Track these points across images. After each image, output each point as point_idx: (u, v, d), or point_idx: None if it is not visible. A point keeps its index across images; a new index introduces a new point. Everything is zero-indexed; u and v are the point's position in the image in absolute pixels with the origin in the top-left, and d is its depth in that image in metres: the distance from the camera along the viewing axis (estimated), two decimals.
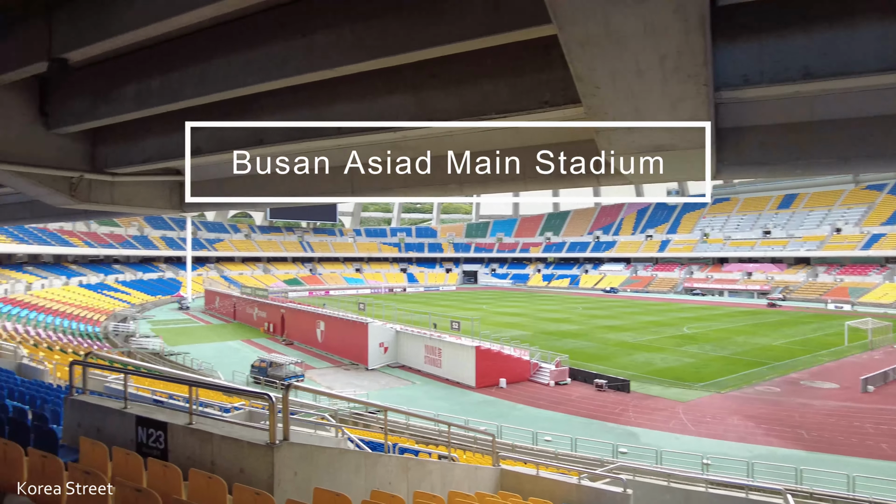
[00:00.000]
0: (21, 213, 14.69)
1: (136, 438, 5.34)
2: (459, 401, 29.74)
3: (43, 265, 73.91)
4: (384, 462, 5.87)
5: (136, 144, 8.12)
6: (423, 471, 6.58)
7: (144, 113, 6.96)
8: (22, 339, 36.22)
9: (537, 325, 52.90)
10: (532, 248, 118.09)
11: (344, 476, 5.20)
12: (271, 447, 4.48)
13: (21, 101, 7.77)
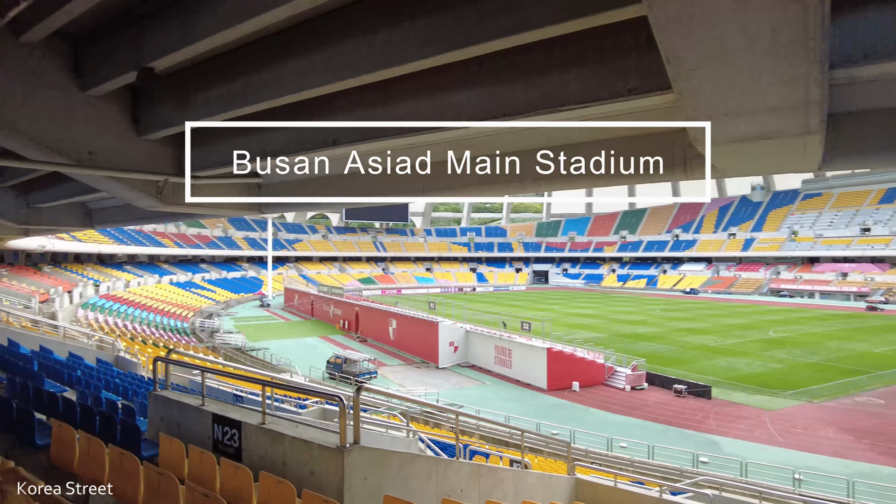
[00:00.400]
0: (118, 216, 15.82)
1: (212, 435, 5.46)
2: (530, 403, 29.22)
3: (139, 264, 79.50)
4: (456, 468, 5.71)
5: (215, 148, 8.42)
6: (496, 478, 6.36)
7: (224, 117, 7.17)
8: (120, 332, 39.09)
9: (612, 328, 51.23)
10: (606, 247, 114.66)
11: (415, 482, 5.08)
12: (341, 451, 4.41)
13: (116, 110, 8.24)
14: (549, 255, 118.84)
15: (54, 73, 7.62)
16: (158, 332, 45.74)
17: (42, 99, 7.53)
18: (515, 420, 24.63)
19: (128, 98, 8.22)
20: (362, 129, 6.64)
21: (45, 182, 14.17)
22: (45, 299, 43.11)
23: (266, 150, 7.54)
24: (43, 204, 14.57)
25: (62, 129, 7.79)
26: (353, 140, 6.66)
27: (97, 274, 64.64)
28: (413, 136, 6.48)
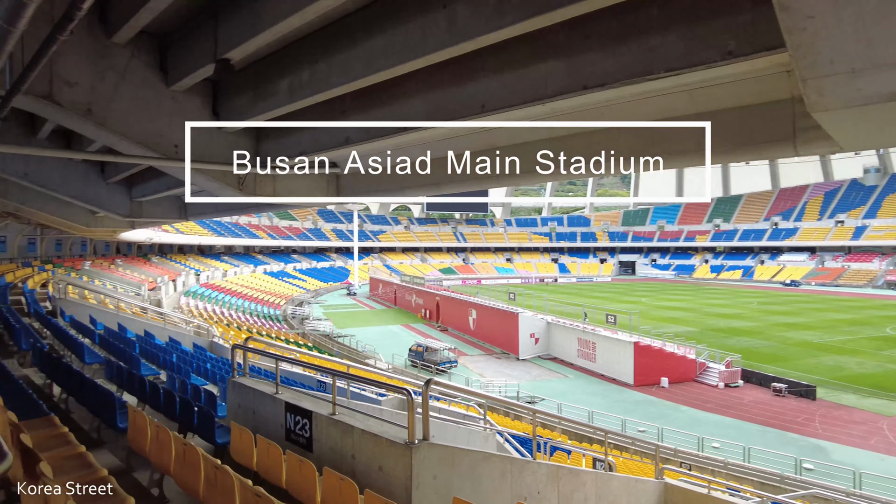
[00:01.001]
0: (208, 209, 16.69)
1: (285, 424, 5.45)
2: (615, 398, 28.13)
3: (236, 255, 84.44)
4: (532, 469, 5.36)
5: (292, 139, 8.51)
6: (576, 481, 5.94)
7: (296, 105, 7.17)
8: (217, 319, 41.68)
9: (704, 321, 48.35)
10: (698, 236, 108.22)
11: (488, 483, 4.79)
12: (409, 447, 4.20)
13: (198, 104, 8.52)
14: (637, 244, 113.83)
15: (142, 70, 7.96)
16: (252, 319, 48.41)
17: (131, 96, 7.88)
18: (599, 416, 23.80)
19: (208, 92, 8.47)
20: (435, 111, 6.34)
21: (144, 177, 15.17)
22: (153, 287, 46.74)
23: (349, 138, 7.47)
24: (143, 198, 15.63)
25: (150, 125, 8.14)
26: (433, 121, 6.35)
27: (198, 264, 69.38)
28: (490, 117, 6.08)
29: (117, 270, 48.90)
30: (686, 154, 6.04)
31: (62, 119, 7.63)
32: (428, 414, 4.33)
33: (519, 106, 5.42)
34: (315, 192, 10.27)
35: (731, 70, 4.52)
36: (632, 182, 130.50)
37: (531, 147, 7.29)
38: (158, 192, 14.59)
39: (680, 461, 19.65)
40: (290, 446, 5.39)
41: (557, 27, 5.01)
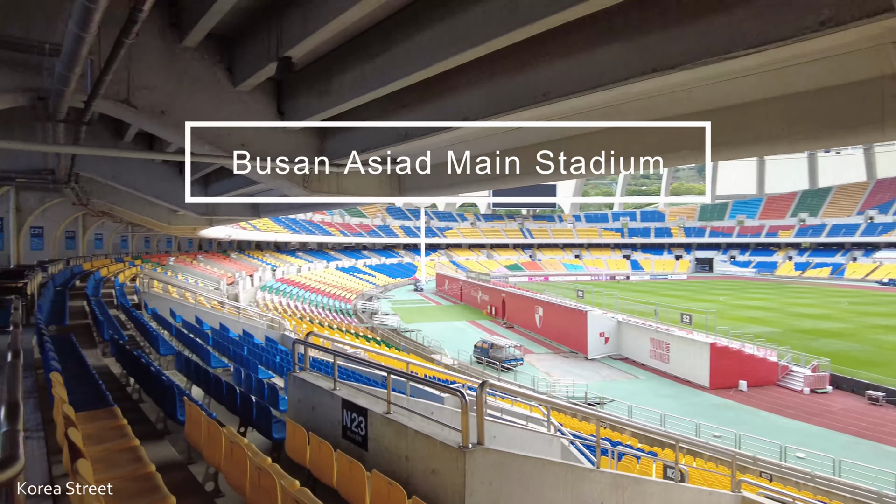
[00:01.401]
0: (279, 207, 17.26)
1: (341, 421, 5.42)
2: (690, 401, 26.81)
3: (309, 251, 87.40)
4: (594, 478, 5.05)
5: (354, 136, 8.54)
6: (642, 492, 5.57)
7: (356, 102, 7.17)
8: (292, 312, 43.25)
9: (788, 322, 45.24)
10: (781, 231, 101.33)
11: (546, 491, 4.55)
12: (463, 451, 4.03)
13: (263, 104, 8.72)
14: (714, 240, 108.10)
15: (210, 72, 8.22)
16: (324, 313, 49.90)
17: (201, 97, 8.16)
18: (672, 420, 22.73)
19: (273, 91, 8.65)
20: (497, 101, 6.10)
21: (218, 176, 15.87)
22: (232, 282, 49.05)
23: (408, 133, 7.41)
24: (218, 197, 16.35)
25: (218, 125, 8.39)
26: (489, 114, 6.15)
27: (274, 259, 72.32)
28: (553, 105, 5.76)
29: (199, 266, 51.74)
30: (769, 139, 5.50)
31: (139, 121, 8.01)
32: (483, 417, 4.15)
33: (584, 92, 5.10)
34: (377, 191, 10.30)
35: (817, 45, 4.02)
36: (708, 175, 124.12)
37: (606, 137, 6.94)
38: (231, 191, 15.21)
39: (760, 471, 18.41)
40: (346, 444, 5.36)
41: (628, 5, 4.65)
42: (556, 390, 28.06)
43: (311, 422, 6.07)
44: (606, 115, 6.19)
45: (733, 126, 5.72)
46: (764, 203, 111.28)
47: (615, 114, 6.28)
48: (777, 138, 5.39)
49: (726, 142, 5.75)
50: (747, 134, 5.81)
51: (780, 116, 5.54)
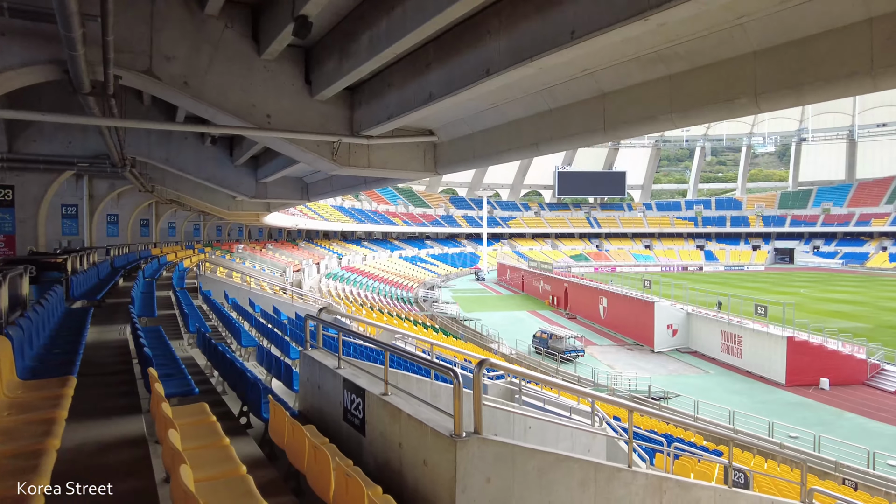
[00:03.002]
0: (325, 188, 17.12)
1: (342, 402, 4.95)
2: (763, 399, 24.85)
3: (374, 240, 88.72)
4: (625, 479, 4.31)
5: (380, 102, 8.04)
6: (686, 497, 4.77)
7: (378, 61, 6.65)
8: (353, 300, 43.87)
9: (879, 317, 41.31)
10: (874, 220, 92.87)
11: (562, 492, 3.88)
12: (454, 441, 3.44)
13: (289, 74, 8.38)
14: (796, 229, 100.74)
15: (235, 41, 7.95)
16: (386, 300, 50.41)
17: (225, 67, 7.90)
18: (742, 418, 21.07)
19: (299, 59, 8.29)
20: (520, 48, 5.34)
21: (266, 158, 15.90)
22: (298, 269, 50.30)
23: (431, 93, 6.82)
24: (267, 178, 16.40)
25: (243, 95, 8.13)
26: (511, 63, 5.42)
27: (340, 248, 73.86)
28: (577, 45, 4.94)
29: (266, 253, 53.40)
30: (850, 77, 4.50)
31: (161, 93, 7.86)
32: (480, 401, 3.53)
33: (615, 25, 4.30)
34: (411, 164, 9.79)
35: None
36: (791, 160, 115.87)
37: (643, 90, 6.08)
38: (276, 172, 15.17)
39: (843, 478, 16.67)
40: (346, 428, 4.90)
41: None
42: (618, 383, 26.79)
43: (316, 402, 5.67)
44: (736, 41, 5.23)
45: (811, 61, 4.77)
46: (854, 189, 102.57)
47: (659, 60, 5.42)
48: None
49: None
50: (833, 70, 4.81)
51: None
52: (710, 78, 5.42)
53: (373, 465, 4.43)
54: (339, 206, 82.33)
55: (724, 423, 21.25)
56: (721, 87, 5.33)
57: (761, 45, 4.89)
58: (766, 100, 5.06)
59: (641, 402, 24.39)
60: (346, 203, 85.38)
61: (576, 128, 7.06)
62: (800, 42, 4.65)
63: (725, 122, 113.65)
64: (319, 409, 5.57)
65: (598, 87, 6.46)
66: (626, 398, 24.60)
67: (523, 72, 5.37)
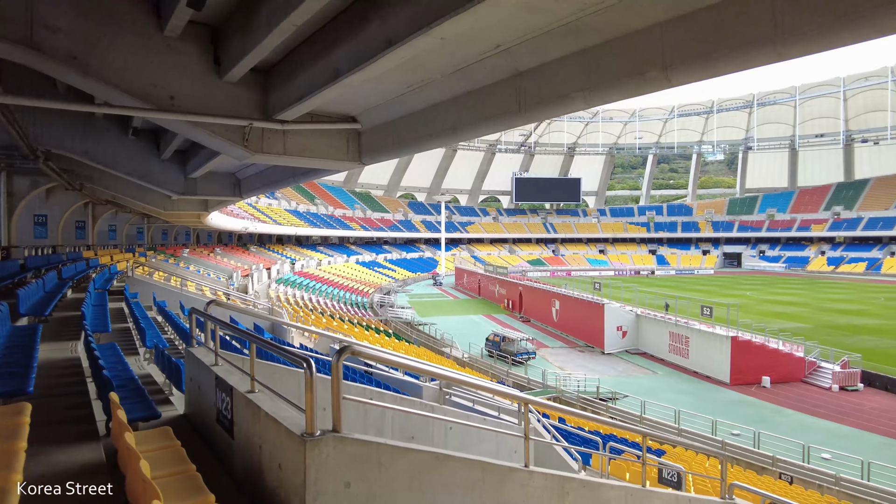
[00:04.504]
0: (256, 184, 16.39)
1: (216, 402, 4.41)
2: (708, 398, 25.22)
3: (331, 245, 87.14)
4: (521, 480, 3.90)
5: (291, 83, 7.50)
6: (593, 499, 4.42)
7: (279, 37, 6.11)
8: (304, 305, 42.75)
9: (819, 318, 42.91)
10: (814, 225, 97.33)
11: (442, 497, 3.44)
12: (304, 440, 2.96)
13: (195, 52, 7.74)
14: (743, 235, 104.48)
15: (132, 14, 7.28)
16: (339, 306, 49.34)
17: (125, 44, 7.22)
18: (688, 417, 21.26)
19: (206, 39, 7.66)
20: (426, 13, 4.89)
21: (192, 152, 15.04)
22: (247, 274, 48.76)
23: (338, 69, 6.33)
24: (195, 174, 15.52)
25: (145, 74, 7.45)
26: (412, 31, 4.96)
27: (294, 253, 72.14)
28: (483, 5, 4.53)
29: (214, 258, 51.60)
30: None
31: (47, 68, 7.11)
32: (340, 394, 3.06)
33: None
34: (332, 152, 9.23)
35: None
36: (739, 168, 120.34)
37: (558, 67, 5.77)
38: (203, 166, 14.35)
39: (779, 472, 16.93)
40: (220, 431, 4.36)
41: None
42: (568, 385, 26.74)
43: (197, 403, 5.10)
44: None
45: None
46: (796, 196, 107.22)
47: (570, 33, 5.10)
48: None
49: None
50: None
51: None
52: (622, 51, 5.14)
53: (240, 472, 3.91)
54: (294, 210, 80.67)
55: (671, 422, 21.40)
56: (633, 61, 5.06)
57: (669, 13, 4.64)
58: (675, 72, 4.82)
59: (590, 403, 24.39)
60: (300, 207, 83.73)
61: (493, 110, 6.71)
62: (707, 9, 4.42)
63: (677, 130, 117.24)
64: (200, 412, 5.00)
65: (513, 66, 6.12)
66: (574, 398, 24.56)
67: (427, 43, 4.97)
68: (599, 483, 4.58)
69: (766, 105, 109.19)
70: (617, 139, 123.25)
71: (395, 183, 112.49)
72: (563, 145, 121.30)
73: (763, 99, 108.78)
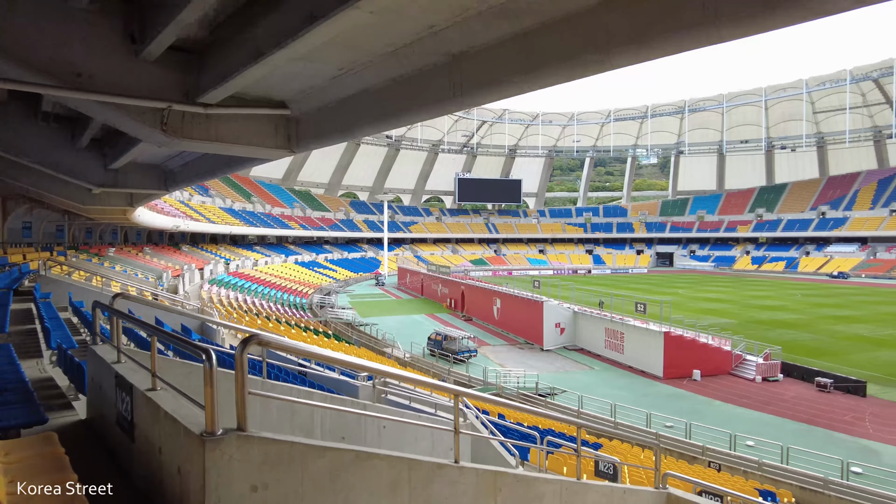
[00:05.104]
0: (184, 176, 15.51)
1: (116, 403, 3.97)
2: (643, 392, 26.02)
3: (269, 245, 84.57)
4: (450, 476, 3.69)
5: (213, 64, 7.00)
6: (527, 494, 4.26)
7: (195, 11, 5.65)
8: (238, 306, 41.19)
9: (744, 313, 45.35)
10: (740, 226, 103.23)
11: (364, 497, 3.18)
12: (203, 440, 2.63)
13: (108, 27, 7.10)
14: (675, 235, 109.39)
15: None
16: (276, 307, 47.84)
17: (29, 16, 6.53)
18: (624, 410, 21.82)
19: (121, 14, 7.04)
20: None
21: (112, 140, 14.02)
22: (178, 274, 46.52)
23: (259, 48, 5.90)
24: (116, 164, 14.47)
25: (52, 50, 6.77)
26: (341, 2, 4.65)
27: (229, 253, 69.52)
28: None
29: (142, 257, 48.97)
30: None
31: None
32: (244, 389, 2.74)
33: None
34: (260, 139, 8.73)
35: None
36: (671, 171, 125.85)
37: (495, 51, 5.63)
38: (124, 155, 13.37)
39: (709, 460, 17.62)
40: (118, 433, 3.92)
41: None
42: (508, 381, 26.93)
43: (99, 405, 4.61)
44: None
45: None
46: (723, 199, 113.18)
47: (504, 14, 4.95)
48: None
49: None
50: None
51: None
52: (559, 34, 5.04)
53: (140, 480, 3.50)
54: (229, 208, 77.85)
55: (607, 416, 21.88)
56: (570, 44, 4.97)
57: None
58: (613, 55, 4.75)
59: (529, 399, 24.63)
60: (236, 205, 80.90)
61: (429, 95, 6.49)
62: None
63: (613, 134, 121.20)
64: (101, 415, 4.52)
65: (448, 49, 5.93)
66: (514, 394, 24.73)
67: (354, 17, 4.68)
68: (534, 477, 4.44)
69: (697, 111, 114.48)
70: (556, 142, 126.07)
71: (337, 181, 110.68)
72: (505, 147, 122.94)
73: (694, 105, 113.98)
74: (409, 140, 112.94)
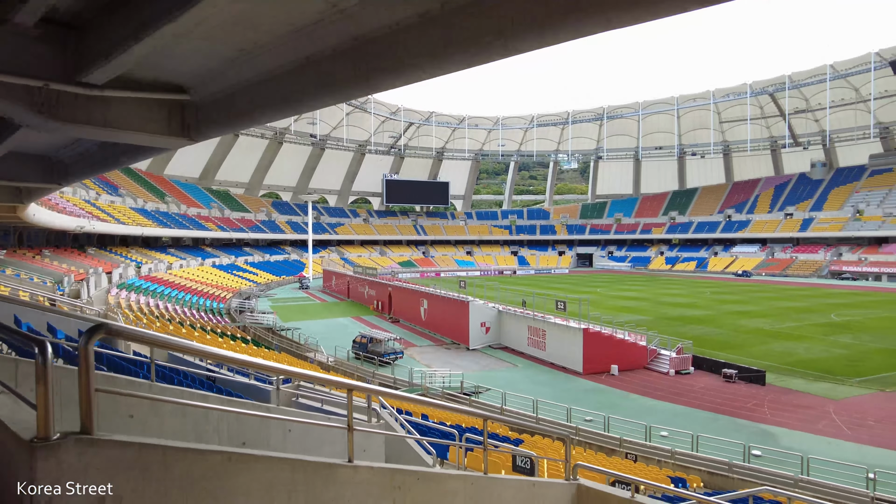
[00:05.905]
0: (77, 167, 14.24)
1: None
2: (564, 387, 26.69)
3: (184, 247, 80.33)
4: (342, 477, 3.43)
5: (94, 41, 6.38)
6: (433, 492, 4.08)
7: None
8: (150, 311, 38.73)
9: (658, 310, 47.78)
10: (654, 228, 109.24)
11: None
12: (33, 447, 2.25)
13: None
14: (594, 237, 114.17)
15: None
16: (191, 312, 45.35)
17: None
18: (546, 406, 22.27)
19: None
20: None
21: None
22: (82, 278, 43.17)
23: (144, 22, 5.39)
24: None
25: None
26: None
27: (141, 256, 65.37)
28: None
29: (40, 261, 45.12)
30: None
31: None
32: (90, 385, 2.38)
33: None
34: (152, 126, 8.03)
35: None
36: (591, 175, 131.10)
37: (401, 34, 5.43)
38: (2, 143, 12.08)
39: (626, 451, 18.28)
40: None
41: None
42: (434, 381, 26.85)
43: None
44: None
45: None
46: (639, 202, 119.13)
47: None
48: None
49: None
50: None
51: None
52: (466, 16, 4.92)
53: None
54: (141, 208, 73.35)
55: (529, 412, 22.22)
56: (476, 26, 4.86)
57: None
58: (515, 39, 4.69)
59: (454, 398, 24.65)
60: (148, 205, 76.37)
61: (336, 79, 6.21)
62: None
63: (536, 139, 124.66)
64: None
65: (354, 32, 5.68)
66: (439, 393, 24.66)
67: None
68: (437, 474, 4.26)
69: (615, 118, 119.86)
70: (482, 146, 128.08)
71: (258, 181, 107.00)
72: (433, 149, 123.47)
73: (612, 112, 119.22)
74: (334, 140, 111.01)
